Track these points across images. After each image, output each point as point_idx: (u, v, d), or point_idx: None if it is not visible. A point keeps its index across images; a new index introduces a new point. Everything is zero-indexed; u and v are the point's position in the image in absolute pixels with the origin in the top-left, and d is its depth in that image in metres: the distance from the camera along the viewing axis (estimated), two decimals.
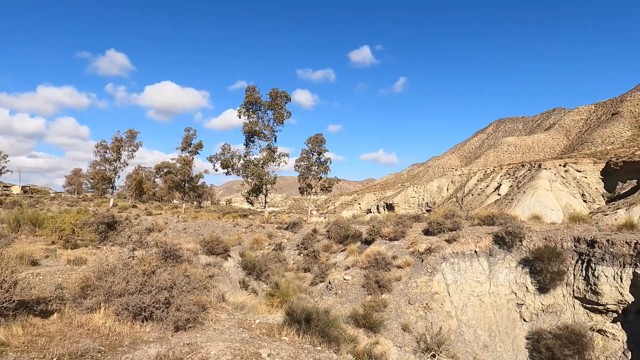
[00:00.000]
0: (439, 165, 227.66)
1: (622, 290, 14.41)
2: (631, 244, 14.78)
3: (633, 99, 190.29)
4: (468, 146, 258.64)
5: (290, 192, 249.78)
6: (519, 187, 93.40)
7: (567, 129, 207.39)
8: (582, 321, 14.98)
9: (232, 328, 7.51)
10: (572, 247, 16.43)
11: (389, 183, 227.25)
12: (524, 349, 15.03)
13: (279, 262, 22.66)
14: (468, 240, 18.32)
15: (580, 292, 15.37)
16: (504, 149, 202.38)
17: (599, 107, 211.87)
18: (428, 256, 17.70)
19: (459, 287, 16.65)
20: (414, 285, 16.48)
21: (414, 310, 15.39)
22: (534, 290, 16.22)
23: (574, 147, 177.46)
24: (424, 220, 24.28)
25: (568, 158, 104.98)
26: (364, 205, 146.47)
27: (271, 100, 39.14)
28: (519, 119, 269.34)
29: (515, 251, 17.33)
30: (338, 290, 17.02)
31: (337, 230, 24.27)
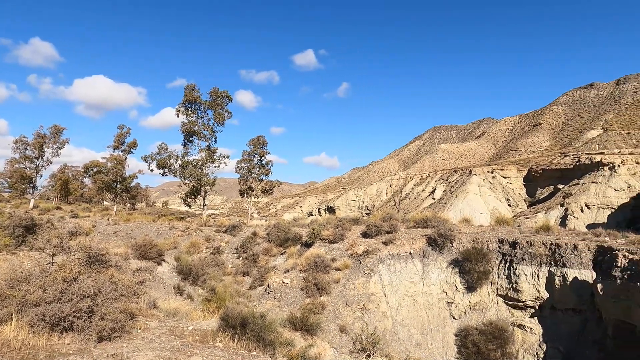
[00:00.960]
0: (379, 170, 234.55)
1: (539, 287, 15.68)
2: (547, 245, 16.14)
3: (551, 112, 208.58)
4: (406, 152, 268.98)
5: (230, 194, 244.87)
6: (452, 192, 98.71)
7: (495, 138, 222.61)
8: (504, 317, 16.09)
9: (162, 336, 7.17)
10: (496, 248, 17.61)
11: (330, 186, 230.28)
12: (453, 345, 15.84)
13: (216, 266, 22.08)
14: (403, 243, 19.01)
15: (503, 290, 16.51)
16: (439, 155, 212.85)
17: (522, 119, 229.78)
18: (366, 258, 18.11)
19: (395, 288, 17.21)
20: (352, 287, 16.78)
21: (352, 312, 15.67)
22: (462, 289, 17.16)
23: (500, 155, 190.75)
24: (362, 223, 24.83)
25: (495, 165, 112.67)
26: (305, 208, 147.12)
27: (212, 99, 38.10)
28: (452, 127, 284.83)
29: (446, 252, 18.23)
30: (277, 293, 16.90)
31: (278, 233, 24.15)
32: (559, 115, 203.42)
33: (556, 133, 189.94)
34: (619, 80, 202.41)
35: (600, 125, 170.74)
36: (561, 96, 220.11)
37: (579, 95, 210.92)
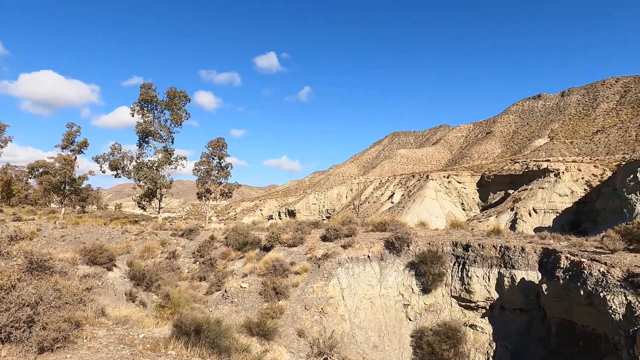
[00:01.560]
0: (339, 174, 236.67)
1: (490, 288, 16.33)
2: (497, 248, 16.86)
3: (503, 121, 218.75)
4: (366, 156, 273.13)
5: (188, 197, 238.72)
6: (410, 196, 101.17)
7: (451, 144, 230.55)
8: (457, 318, 16.62)
9: (110, 345, 6.84)
10: (451, 251, 18.19)
11: (291, 190, 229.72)
12: (408, 346, 16.18)
13: (172, 271, 21.40)
14: (362, 246, 19.24)
15: (457, 291, 17.06)
16: (398, 160, 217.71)
17: (476, 126, 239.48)
18: (325, 262, 18.17)
19: (353, 291, 17.36)
20: (311, 291, 16.78)
21: (310, 315, 15.65)
22: (418, 291, 17.58)
23: (456, 160, 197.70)
24: (322, 226, 24.91)
25: (451, 170, 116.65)
26: (265, 211, 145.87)
27: (169, 99, 36.96)
28: (411, 133, 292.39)
29: (403, 255, 18.62)
30: (234, 298, 16.61)
31: (236, 237, 23.75)
32: (509, 124, 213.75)
33: (507, 141, 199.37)
34: (563, 92, 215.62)
35: (546, 134, 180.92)
36: (512, 106, 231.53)
37: (528, 105, 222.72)
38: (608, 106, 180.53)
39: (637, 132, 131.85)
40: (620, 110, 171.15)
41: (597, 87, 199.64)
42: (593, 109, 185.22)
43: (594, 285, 12.12)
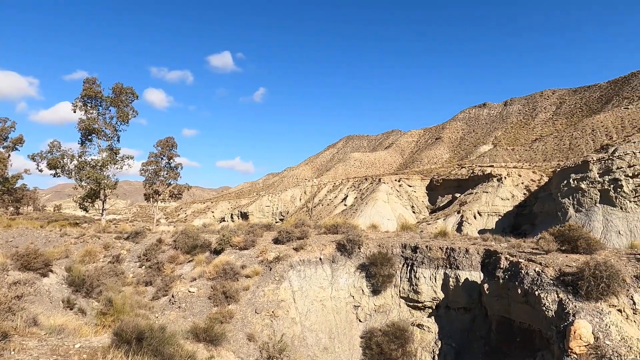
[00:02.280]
0: (294, 176, 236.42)
1: (436, 288, 16.92)
2: (443, 249, 17.50)
3: (451, 127, 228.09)
4: (320, 159, 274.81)
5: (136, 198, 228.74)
6: (363, 199, 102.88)
7: (402, 149, 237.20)
8: (405, 318, 17.07)
9: (41, 357, 6.39)
10: (400, 253, 18.66)
11: (244, 191, 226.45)
12: (358, 347, 16.40)
13: (115, 276, 20.38)
14: (314, 248, 19.29)
15: (405, 292, 17.51)
16: (351, 163, 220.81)
17: (426, 132, 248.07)
18: (276, 264, 18.04)
19: (304, 294, 17.36)
20: (262, 294, 16.59)
21: (260, 319, 15.46)
22: (368, 293, 17.87)
23: (407, 164, 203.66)
24: (275, 229, 24.74)
25: (402, 174, 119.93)
26: (217, 213, 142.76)
27: (115, 95, 35.20)
28: (364, 137, 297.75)
29: (354, 257, 18.87)
30: (182, 303, 16.09)
31: (185, 239, 23.05)
32: (457, 131, 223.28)
33: (455, 146, 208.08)
34: (506, 101, 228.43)
35: (491, 141, 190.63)
36: (459, 113, 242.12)
37: (474, 113, 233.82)
38: (545, 116, 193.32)
39: (571, 141, 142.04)
40: (556, 120, 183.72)
41: (536, 98, 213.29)
42: (532, 118, 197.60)
43: (530, 284, 12.87)
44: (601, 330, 10.32)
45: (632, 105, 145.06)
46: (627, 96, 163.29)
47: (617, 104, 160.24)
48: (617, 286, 11.27)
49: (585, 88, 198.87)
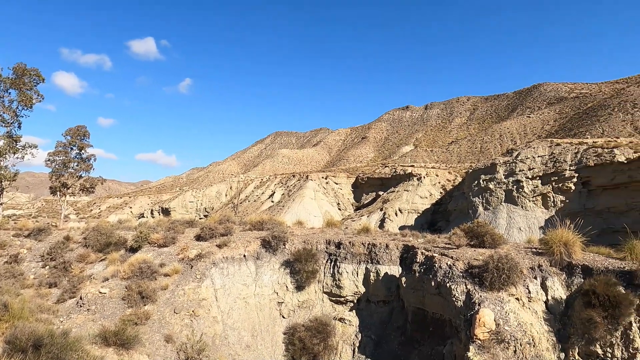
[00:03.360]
0: (220, 171, 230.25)
1: (358, 283, 17.45)
2: (365, 245, 18.11)
3: (376, 128, 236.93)
4: (248, 154, 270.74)
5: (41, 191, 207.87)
6: (290, 195, 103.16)
7: (330, 147, 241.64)
8: (328, 312, 17.40)
9: None
10: (324, 249, 18.97)
11: (166, 186, 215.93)
12: (281, 343, 16.40)
13: (12, 277, 18.34)
14: (238, 245, 18.92)
15: (328, 287, 17.85)
16: (280, 159, 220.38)
17: (353, 131, 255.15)
18: (198, 262, 17.42)
19: (227, 292, 16.96)
20: (182, 293, 15.92)
21: (180, 319, 14.82)
22: (292, 289, 17.94)
23: (334, 162, 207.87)
24: (197, 225, 23.86)
25: (329, 172, 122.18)
26: (136, 209, 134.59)
27: (16, 77, 31.55)
28: (293, 134, 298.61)
29: (279, 254, 18.82)
30: (92, 305, 14.89)
31: (97, 237, 21.41)
32: (382, 131, 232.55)
33: (379, 146, 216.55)
34: (427, 105, 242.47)
35: (412, 142, 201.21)
36: (384, 114, 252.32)
37: (397, 114, 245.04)
38: (461, 121, 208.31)
39: (482, 144, 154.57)
40: (469, 125, 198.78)
41: (453, 104, 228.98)
42: (449, 122, 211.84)
43: (442, 277, 13.77)
44: (502, 317, 11.33)
45: (534, 115, 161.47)
46: (530, 106, 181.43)
47: (521, 113, 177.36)
48: (516, 277, 12.46)
49: (495, 96, 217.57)
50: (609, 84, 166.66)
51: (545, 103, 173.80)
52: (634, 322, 10.88)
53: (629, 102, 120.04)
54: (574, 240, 13.47)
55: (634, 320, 10.88)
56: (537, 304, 12.29)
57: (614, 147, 56.41)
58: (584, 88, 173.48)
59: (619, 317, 10.86)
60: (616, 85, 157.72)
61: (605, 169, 54.64)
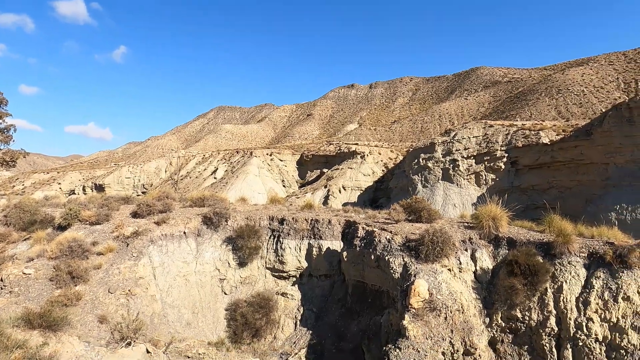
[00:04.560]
0: (159, 146, 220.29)
1: (300, 258, 17.66)
2: (308, 221, 18.28)
3: (322, 105, 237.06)
4: (189, 129, 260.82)
5: None
6: (234, 172, 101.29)
7: (275, 123, 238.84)
8: (271, 288, 17.51)
9: None
10: (267, 225, 18.91)
11: (100, 161, 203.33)
12: (223, 319, 16.32)
13: None
14: (178, 222, 18.34)
15: (271, 263, 17.91)
16: (223, 135, 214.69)
17: (298, 108, 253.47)
18: (135, 240, 16.69)
19: (166, 269, 16.48)
20: (117, 272, 15.23)
21: (115, 299, 14.22)
22: (235, 266, 17.80)
23: (279, 139, 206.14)
24: (134, 202, 22.77)
25: (274, 148, 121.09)
26: (66, 185, 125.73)
27: None
28: (237, 109, 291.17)
29: (221, 231, 18.51)
30: (15, 287, 13.83)
31: (20, 214, 19.77)
32: (327, 109, 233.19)
33: (324, 124, 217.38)
34: (371, 84, 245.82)
35: (356, 120, 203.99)
36: (330, 92, 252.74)
37: (343, 93, 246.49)
38: (403, 101, 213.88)
39: (422, 124, 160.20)
40: (412, 105, 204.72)
41: (397, 84, 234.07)
42: (392, 102, 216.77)
43: (381, 251, 14.28)
44: (435, 287, 12.02)
45: (470, 97, 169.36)
46: (467, 88, 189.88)
47: (459, 95, 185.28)
48: (449, 249, 13.21)
49: (436, 78, 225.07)
50: (538, 70, 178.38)
51: (482, 86, 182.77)
52: (549, 288, 12.00)
53: (554, 88, 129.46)
54: (501, 215, 14.48)
55: (549, 287, 12.00)
56: (467, 274, 13.16)
57: (540, 129, 60.83)
58: (516, 73, 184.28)
59: (536, 284, 11.91)
60: (544, 71, 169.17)
61: (532, 149, 58.89)
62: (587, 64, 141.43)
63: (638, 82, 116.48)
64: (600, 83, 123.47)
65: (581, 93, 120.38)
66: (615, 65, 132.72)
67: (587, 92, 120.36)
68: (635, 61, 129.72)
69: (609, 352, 10.74)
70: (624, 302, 10.88)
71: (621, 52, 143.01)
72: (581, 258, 12.23)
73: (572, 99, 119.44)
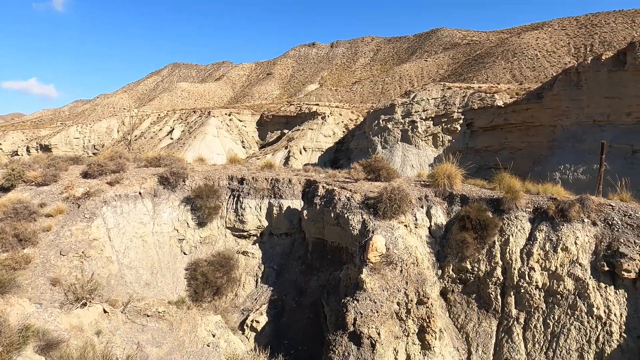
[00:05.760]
0: (110, 104, 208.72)
1: (261, 217, 17.70)
2: (269, 180, 18.20)
3: (282, 64, 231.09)
4: (142, 87, 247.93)
5: None
6: (191, 132, 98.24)
7: (234, 82, 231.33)
8: (231, 247, 17.54)
9: None
10: (227, 185, 18.67)
11: (45, 120, 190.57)
12: (183, 279, 16.28)
13: None
14: (133, 182, 17.72)
15: (231, 222, 17.84)
16: (178, 94, 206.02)
17: (258, 66, 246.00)
18: (86, 201, 16.02)
19: (122, 231, 16.06)
20: (68, 234, 14.67)
21: (68, 262, 13.77)
22: (194, 226, 17.60)
23: (238, 99, 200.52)
24: (84, 162, 21.68)
25: (233, 108, 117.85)
26: (7, 146, 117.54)
27: None
28: (193, 66, 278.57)
29: (179, 191, 18.10)
30: None
31: None
32: (288, 68, 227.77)
33: (285, 83, 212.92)
34: (333, 43, 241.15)
35: (317, 80, 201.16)
36: (290, 50, 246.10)
37: (304, 51, 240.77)
38: (365, 61, 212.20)
39: (383, 86, 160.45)
40: (373, 66, 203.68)
41: (358, 43, 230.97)
42: (354, 62, 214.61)
43: (341, 209, 14.54)
44: (392, 242, 12.47)
45: (430, 59, 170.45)
46: (428, 50, 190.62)
47: (419, 56, 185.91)
48: (406, 206, 13.64)
49: (397, 39, 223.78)
50: (496, 33, 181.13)
51: (442, 48, 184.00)
52: (496, 241, 12.76)
53: (510, 52, 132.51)
54: (456, 174, 15.03)
55: (497, 240, 12.76)
56: (422, 230, 13.72)
57: (495, 92, 62.61)
58: (475, 36, 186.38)
59: (486, 237, 12.63)
60: (502, 35, 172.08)
61: (486, 112, 60.76)
62: (541, 28, 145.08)
63: (587, 47, 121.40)
64: (553, 48, 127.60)
65: (535, 57, 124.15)
66: (568, 30, 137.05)
67: (540, 56, 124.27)
68: (586, 27, 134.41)
69: (547, 297, 11.72)
70: (562, 252, 11.78)
71: (574, 18, 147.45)
72: (527, 213, 13.01)
73: (526, 62, 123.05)
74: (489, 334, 12.19)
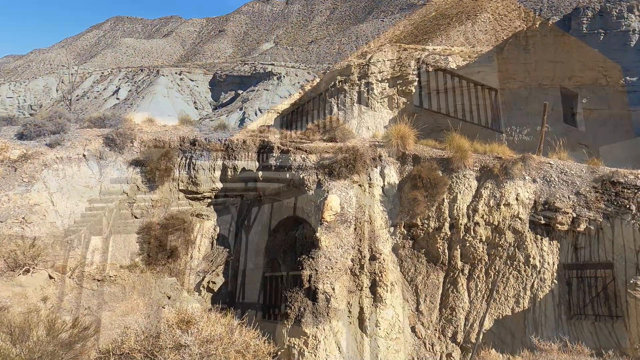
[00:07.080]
0: (46, 61, 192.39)
1: (215, 179, 17.39)
2: (222, 142, 17.76)
3: (235, 20, 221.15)
4: (82, 42, 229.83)
5: None
6: (139, 92, 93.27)
7: (183, 39, 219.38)
8: (185, 209, 17.20)
9: None
10: (178, 146, 18.03)
11: None
12: (135, 243, 15.88)
13: None
14: (75, 144, 16.74)
15: (184, 184, 17.41)
16: (123, 50, 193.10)
17: (210, 22, 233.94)
18: (24, 164, 15.02)
19: (66, 195, 15.29)
20: (6, 200, 13.81)
21: (7, 228, 13.02)
22: (144, 189, 17.01)
23: (188, 57, 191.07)
24: (18, 122, 20.11)
25: (183, 67, 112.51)
26: None
27: None
28: (138, 20, 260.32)
29: (126, 152, 17.31)
30: None
31: None
32: (241, 25, 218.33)
33: (239, 41, 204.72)
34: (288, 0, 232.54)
35: (272, 39, 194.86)
36: (244, 6, 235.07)
37: (258, 7, 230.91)
38: (321, 20, 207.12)
39: (340, 46, 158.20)
40: (329, 25, 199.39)
41: (315, 0, 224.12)
42: (310, 20, 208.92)
43: (297, 169, 14.54)
44: (346, 202, 12.72)
45: (387, 19, 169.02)
46: (384, 10, 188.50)
47: (376, 16, 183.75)
48: (360, 166, 13.86)
49: None
50: None
51: (398, 8, 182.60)
52: (445, 199, 13.34)
53: (464, 14, 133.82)
54: (409, 134, 15.34)
55: (446, 197, 13.34)
56: (376, 189, 14.05)
57: (449, 54, 63.44)
58: None
59: (435, 195, 13.16)
60: None
61: (440, 74, 61.73)
62: None
63: (537, 12, 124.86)
64: (505, 11, 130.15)
65: (487, 20, 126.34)
66: None
67: (493, 19, 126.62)
68: None
69: (489, 250, 12.55)
70: (505, 207, 12.54)
71: None
72: (474, 171, 13.63)
73: (479, 25, 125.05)
74: (437, 285, 12.97)
